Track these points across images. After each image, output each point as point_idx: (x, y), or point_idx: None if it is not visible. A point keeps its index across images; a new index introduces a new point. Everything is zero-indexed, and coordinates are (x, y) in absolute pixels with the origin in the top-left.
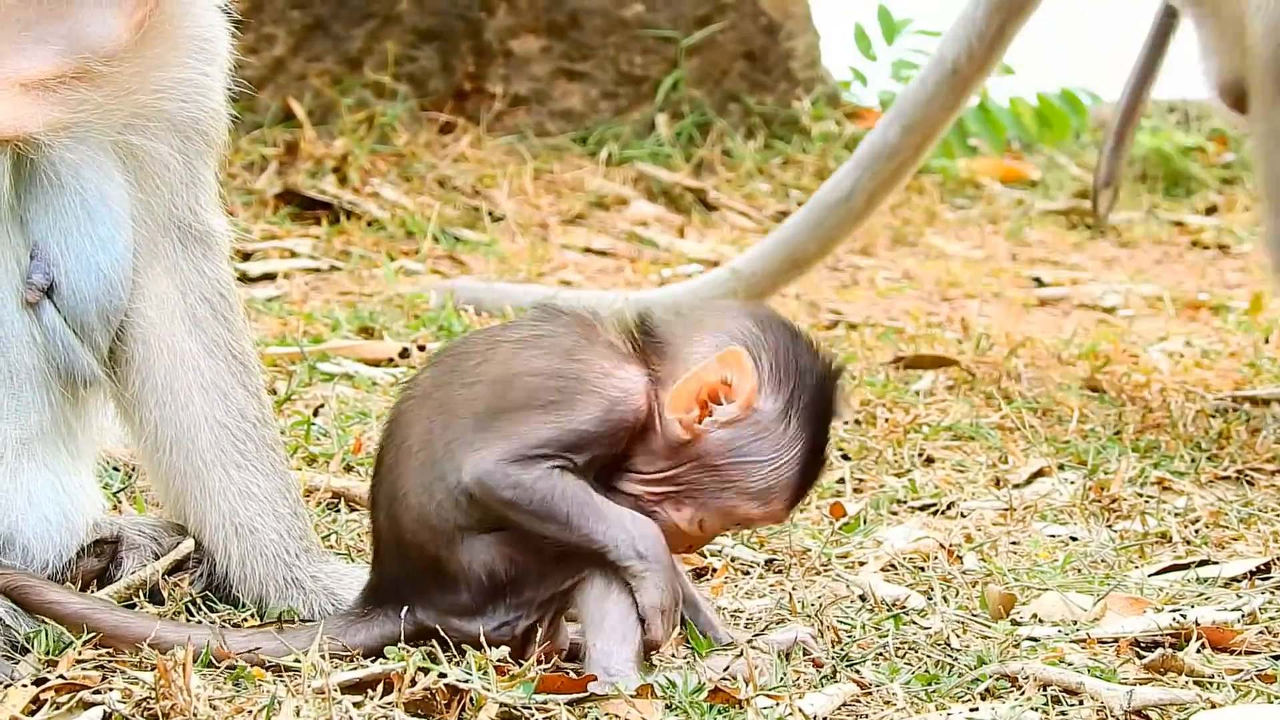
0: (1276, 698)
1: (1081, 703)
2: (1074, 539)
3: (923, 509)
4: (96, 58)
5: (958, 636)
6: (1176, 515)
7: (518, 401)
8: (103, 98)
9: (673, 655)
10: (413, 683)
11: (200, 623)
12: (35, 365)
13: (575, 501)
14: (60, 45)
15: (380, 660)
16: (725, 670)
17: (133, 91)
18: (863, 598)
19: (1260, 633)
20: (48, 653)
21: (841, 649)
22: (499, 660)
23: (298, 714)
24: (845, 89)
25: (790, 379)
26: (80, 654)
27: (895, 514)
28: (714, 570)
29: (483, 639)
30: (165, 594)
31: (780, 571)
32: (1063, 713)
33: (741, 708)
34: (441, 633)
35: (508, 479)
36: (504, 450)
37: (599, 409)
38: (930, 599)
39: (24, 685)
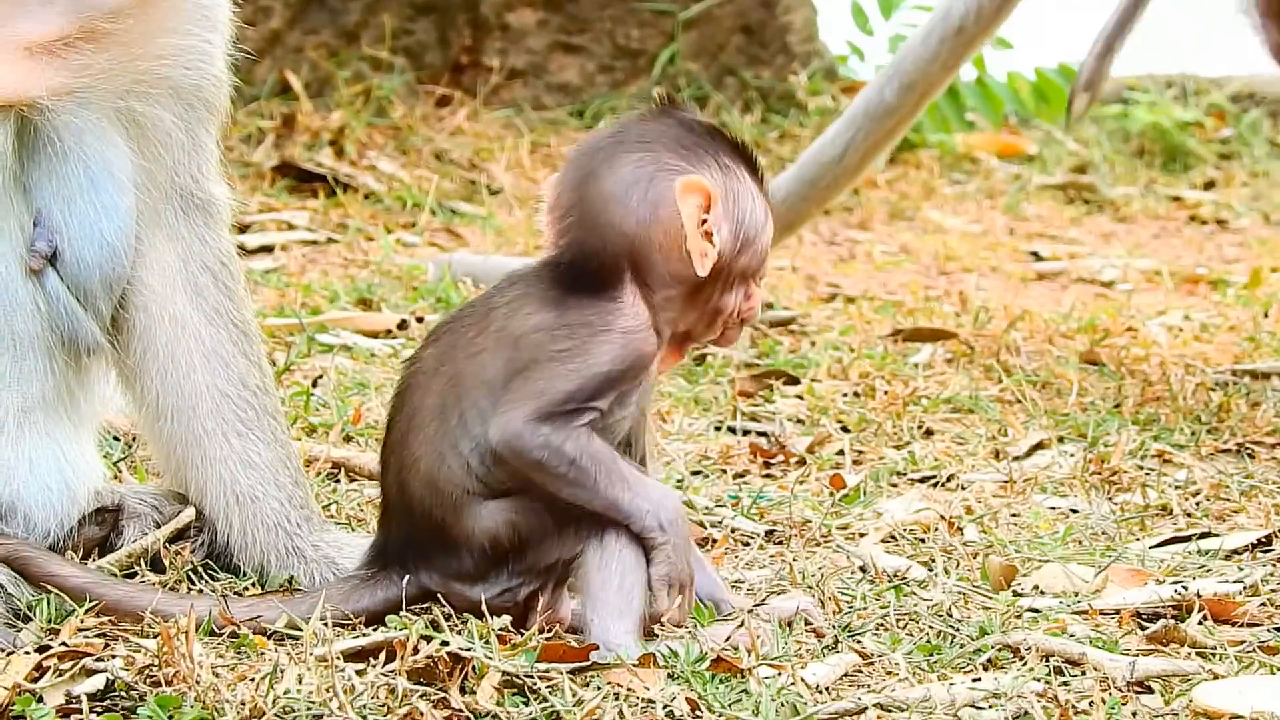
0: (1278, 669)
1: (1084, 673)
2: (1074, 511)
3: (923, 481)
4: (101, 15)
5: (959, 607)
6: (1177, 488)
7: (531, 359)
8: (106, 61)
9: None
10: (415, 651)
11: (201, 592)
12: (39, 333)
13: (604, 467)
14: (64, 5)
15: (383, 628)
16: (727, 640)
17: (136, 57)
18: (863, 569)
19: (1262, 605)
20: (50, 621)
21: (843, 619)
22: (501, 629)
23: (300, 682)
24: (842, 63)
25: (695, 148)
26: (82, 622)
27: (895, 486)
28: (714, 541)
29: (484, 607)
30: (166, 563)
31: (780, 543)
32: (1065, 683)
33: (743, 677)
34: (443, 597)
35: (537, 437)
36: (531, 409)
37: (615, 346)
38: (931, 570)
39: (26, 653)
